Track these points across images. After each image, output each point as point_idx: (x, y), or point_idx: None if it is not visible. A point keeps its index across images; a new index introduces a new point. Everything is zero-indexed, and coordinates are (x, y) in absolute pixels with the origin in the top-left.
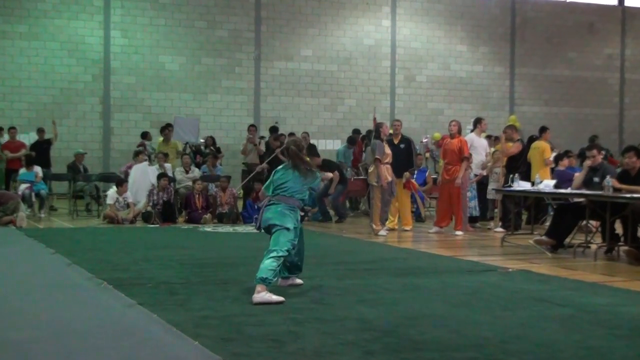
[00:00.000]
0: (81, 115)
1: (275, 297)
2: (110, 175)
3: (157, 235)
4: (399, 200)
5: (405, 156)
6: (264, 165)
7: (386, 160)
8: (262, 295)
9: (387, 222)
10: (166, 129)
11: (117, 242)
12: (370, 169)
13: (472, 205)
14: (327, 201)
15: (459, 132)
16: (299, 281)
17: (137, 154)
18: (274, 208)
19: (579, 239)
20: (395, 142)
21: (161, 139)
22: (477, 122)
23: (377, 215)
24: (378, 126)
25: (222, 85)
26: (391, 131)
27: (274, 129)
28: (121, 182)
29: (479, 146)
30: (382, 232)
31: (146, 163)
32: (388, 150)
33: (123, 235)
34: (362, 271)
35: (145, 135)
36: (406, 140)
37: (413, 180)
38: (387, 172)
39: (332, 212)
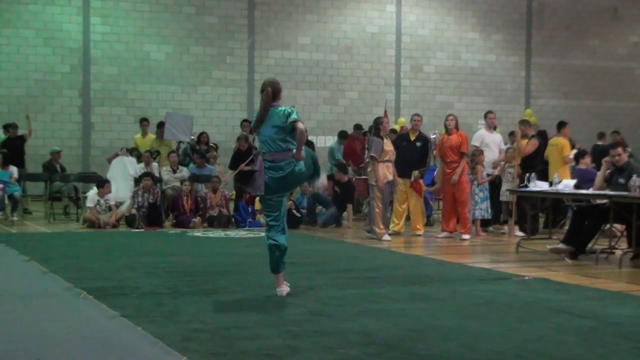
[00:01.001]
0: (58, 110)
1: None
2: (91, 175)
3: (141, 241)
4: (410, 202)
5: (419, 155)
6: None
7: (385, 158)
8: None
9: (392, 226)
10: (163, 126)
11: (98, 248)
12: (369, 168)
13: (484, 208)
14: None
15: (457, 126)
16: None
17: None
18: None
19: (601, 244)
20: (412, 138)
21: (138, 135)
22: (485, 116)
23: (379, 218)
24: (377, 122)
25: (212, 77)
26: (396, 126)
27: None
28: (103, 183)
29: (490, 142)
30: (386, 237)
31: (125, 156)
32: (388, 147)
33: (105, 240)
34: (365, 279)
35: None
36: (423, 138)
37: (420, 181)
38: (387, 171)
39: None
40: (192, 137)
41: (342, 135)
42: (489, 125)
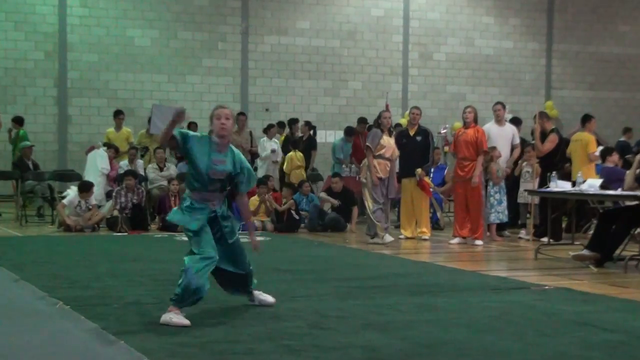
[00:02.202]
0: (31, 101)
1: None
2: (68, 173)
3: (124, 246)
4: (415, 204)
5: (421, 150)
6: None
7: (381, 152)
8: None
9: (403, 231)
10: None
11: (76, 254)
12: (363, 163)
13: (501, 210)
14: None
15: (475, 120)
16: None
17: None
18: None
19: (631, 250)
20: (411, 133)
21: (111, 129)
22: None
23: (373, 217)
24: (379, 115)
25: (202, 65)
26: (403, 120)
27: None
28: (87, 187)
29: (498, 137)
30: (388, 238)
31: (100, 150)
32: (388, 143)
33: (83, 245)
34: (369, 289)
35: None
36: (423, 132)
37: (427, 179)
38: (380, 167)
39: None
40: None
41: (349, 132)
42: (498, 118)
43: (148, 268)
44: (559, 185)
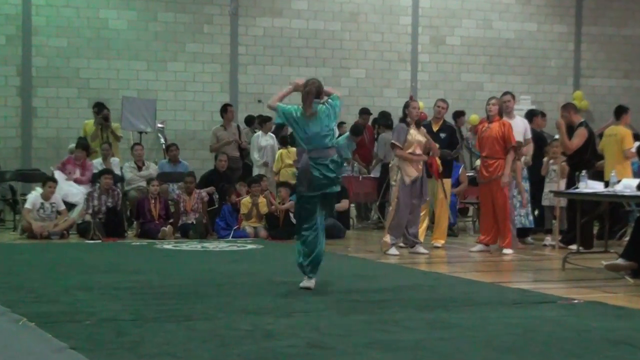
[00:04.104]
0: None
1: None
2: (32, 173)
3: (98, 255)
4: (434, 205)
5: (445, 148)
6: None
7: (410, 151)
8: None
9: (433, 240)
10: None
11: (42, 264)
12: (392, 163)
13: (524, 214)
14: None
15: (500, 113)
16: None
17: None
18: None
19: None
20: (435, 129)
21: (90, 120)
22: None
23: (388, 224)
24: (405, 105)
25: (186, 51)
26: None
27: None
28: (46, 181)
29: None
30: (393, 251)
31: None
32: (418, 138)
33: (50, 254)
34: (374, 303)
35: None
36: (448, 128)
37: (438, 160)
38: (412, 167)
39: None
40: (160, 126)
41: (355, 131)
42: (506, 110)
43: (125, 280)
44: (589, 186)
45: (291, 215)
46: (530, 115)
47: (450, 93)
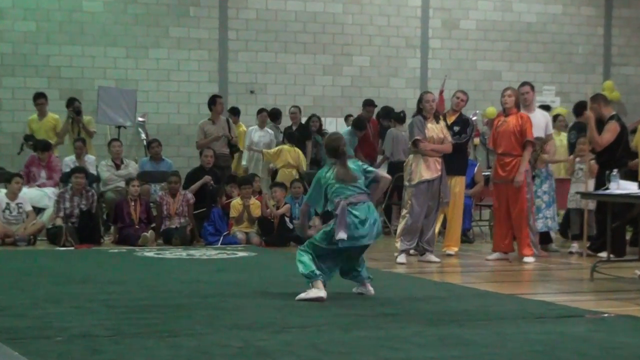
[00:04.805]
0: None
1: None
2: None
3: (70, 263)
4: (447, 209)
5: (458, 145)
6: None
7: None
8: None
9: (445, 248)
10: None
11: (8, 274)
12: (407, 161)
13: (550, 215)
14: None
15: (518, 105)
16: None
17: None
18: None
19: None
20: (449, 121)
21: (34, 116)
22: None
23: (400, 228)
24: (419, 99)
25: (169, 36)
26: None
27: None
28: (9, 178)
29: None
30: (401, 259)
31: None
32: (434, 132)
33: (17, 262)
34: (380, 317)
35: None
36: (464, 122)
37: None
38: (429, 168)
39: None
40: (141, 119)
41: (359, 124)
42: (524, 103)
43: (100, 292)
44: (621, 187)
45: (287, 219)
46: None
47: (464, 83)
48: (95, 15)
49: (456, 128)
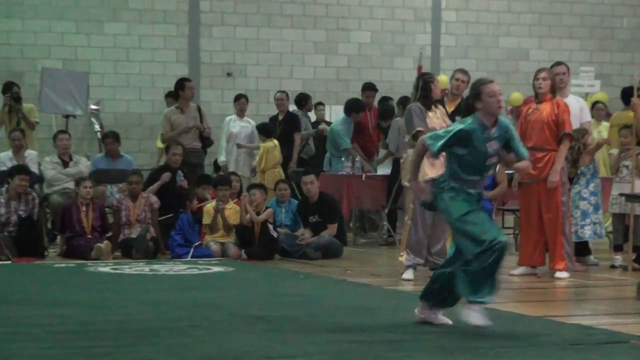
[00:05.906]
0: None
1: None
2: None
3: (7, 280)
4: None
5: None
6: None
7: None
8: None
9: None
10: None
11: None
12: (403, 159)
13: (598, 220)
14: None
15: (553, 90)
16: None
17: None
18: None
19: None
20: (449, 109)
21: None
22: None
23: (404, 239)
24: (425, 80)
25: (129, 7)
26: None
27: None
28: None
29: None
30: (408, 275)
31: None
32: (433, 123)
33: None
34: (382, 345)
35: None
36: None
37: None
38: (434, 165)
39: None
40: (94, 107)
41: (355, 106)
42: (559, 85)
43: (44, 314)
44: None
45: (270, 227)
46: None
47: (484, 63)
48: None
49: (458, 118)
